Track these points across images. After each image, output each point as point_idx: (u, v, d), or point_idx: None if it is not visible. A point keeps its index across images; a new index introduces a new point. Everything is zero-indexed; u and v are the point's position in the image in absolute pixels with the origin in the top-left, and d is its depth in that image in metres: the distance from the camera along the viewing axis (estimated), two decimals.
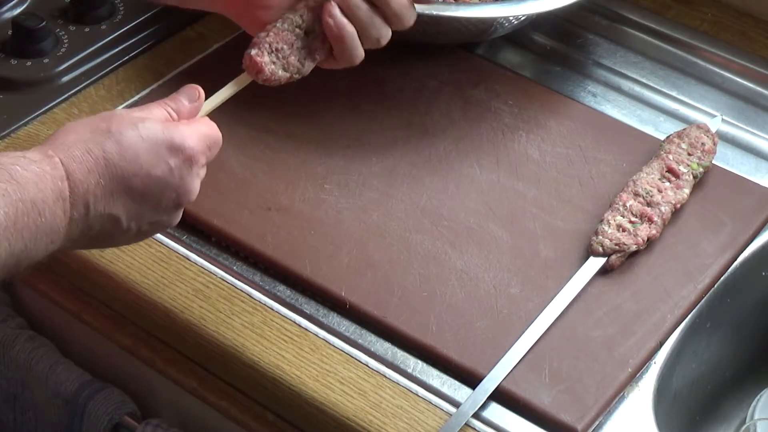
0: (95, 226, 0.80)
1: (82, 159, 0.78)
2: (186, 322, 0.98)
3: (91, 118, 0.82)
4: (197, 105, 0.86)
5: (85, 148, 0.78)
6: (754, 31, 1.28)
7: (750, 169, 1.13)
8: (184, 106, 0.85)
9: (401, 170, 1.09)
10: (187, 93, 0.86)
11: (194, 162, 0.83)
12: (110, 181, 0.79)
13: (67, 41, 1.21)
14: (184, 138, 0.82)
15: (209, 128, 0.86)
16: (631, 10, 1.30)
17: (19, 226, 0.74)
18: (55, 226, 0.77)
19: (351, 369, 0.95)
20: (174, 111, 0.85)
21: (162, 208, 0.83)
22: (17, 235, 0.74)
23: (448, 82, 1.17)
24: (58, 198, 0.77)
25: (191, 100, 0.86)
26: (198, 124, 0.85)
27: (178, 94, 0.86)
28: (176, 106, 0.85)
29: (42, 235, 0.76)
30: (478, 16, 1.13)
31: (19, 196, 0.75)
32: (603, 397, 0.92)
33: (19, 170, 0.76)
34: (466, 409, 0.91)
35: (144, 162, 0.80)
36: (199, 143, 0.83)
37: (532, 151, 1.11)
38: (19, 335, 1.11)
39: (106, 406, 1.06)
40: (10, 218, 0.74)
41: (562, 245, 1.03)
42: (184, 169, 0.82)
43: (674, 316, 0.98)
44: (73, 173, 0.78)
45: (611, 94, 1.21)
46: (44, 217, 0.76)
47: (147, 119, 0.82)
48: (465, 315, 0.97)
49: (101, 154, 0.79)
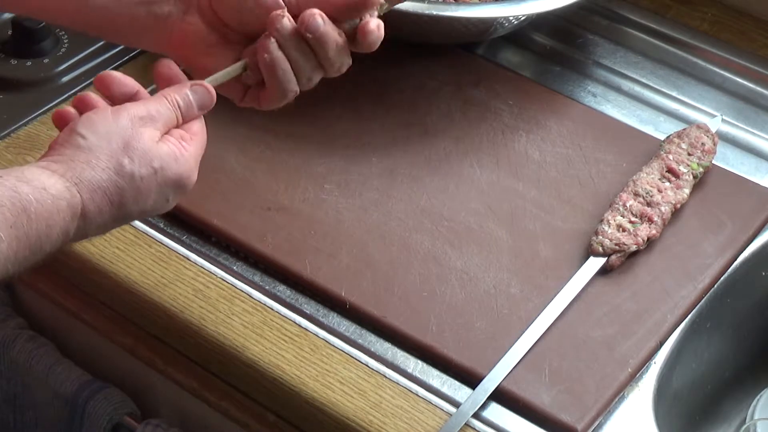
0: (84, 238, 0.83)
1: (100, 203, 0.79)
2: (186, 322, 0.98)
3: (115, 139, 0.81)
4: (202, 113, 0.86)
5: (107, 193, 0.80)
6: (754, 31, 1.28)
7: (750, 169, 1.13)
8: (193, 114, 0.85)
9: (401, 170, 1.09)
10: (200, 99, 0.85)
11: (188, 189, 0.85)
12: (116, 215, 0.81)
13: (67, 41, 1.21)
14: (190, 175, 0.84)
15: (204, 140, 0.86)
16: (631, 10, 1.30)
17: (20, 257, 0.76)
18: (51, 251, 0.79)
19: (351, 369, 0.95)
20: (182, 116, 0.84)
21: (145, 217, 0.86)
22: (16, 263, 0.76)
23: (448, 82, 1.17)
24: (62, 233, 0.78)
25: (202, 108, 0.86)
26: (198, 144, 0.85)
27: (191, 95, 0.85)
28: (186, 111, 0.85)
29: (38, 258, 0.78)
30: (478, 16, 1.13)
31: (25, 230, 0.76)
32: (603, 397, 0.92)
33: (34, 203, 0.76)
34: (466, 409, 0.91)
35: (150, 202, 0.82)
36: (197, 168, 0.85)
37: (532, 151, 1.11)
38: (19, 335, 1.11)
39: (106, 406, 1.06)
40: (12, 249, 0.76)
41: (562, 245, 1.03)
42: (179, 198, 0.85)
43: (674, 316, 0.98)
44: (87, 214, 0.79)
45: (611, 94, 1.21)
46: (44, 249, 0.78)
47: (163, 155, 0.82)
48: (465, 315, 0.97)
49: (118, 200, 0.80)
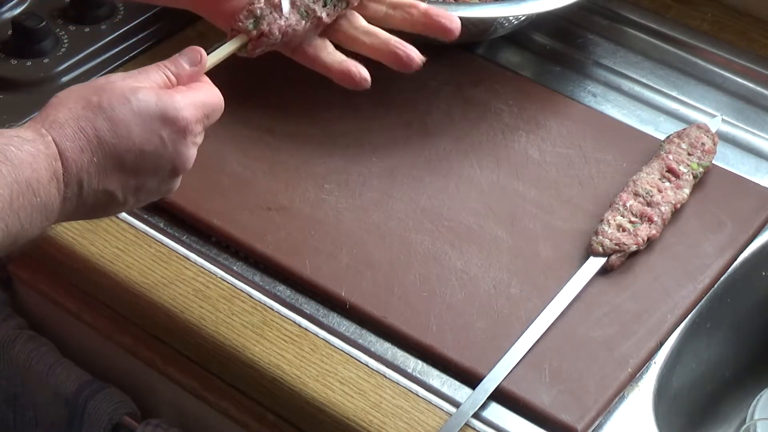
0: (89, 201, 0.80)
1: (74, 137, 0.77)
2: (186, 322, 0.98)
3: (83, 87, 0.80)
4: (198, 69, 0.84)
5: (77, 127, 0.78)
6: (754, 31, 1.28)
7: (750, 169, 1.13)
8: (185, 69, 0.84)
9: (401, 170, 1.09)
10: (189, 56, 0.84)
11: (188, 132, 0.82)
12: (103, 158, 0.78)
13: (67, 41, 1.21)
14: (178, 109, 0.81)
15: (207, 95, 0.84)
16: (631, 10, 1.30)
17: (15, 206, 0.75)
18: (49, 204, 0.77)
19: (351, 369, 0.95)
20: (173, 75, 0.83)
21: (158, 178, 0.82)
22: (13, 215, 0.75)
23: (448, 82, 1.17)
24: (52, 177, 0.76)
25: (192, 63, 0.84)
26: (195, 91, 0.83)
27: (179, 57, 0.84)
28: (176, 69, 0.83)
29: (37, 213, 0.76)
30: (478, 16, 1.13)
31: (14, 177, 0.74)
32: (603, 397, 0.92)
33: (14, 150, 0.75)
34: (466, 409, 0.91)
35: (136, 137, 0.79)
36: (195, 112, 0.82)
37: (532, 151, 1.11)
38: (19, 335, 1.11)
39: (106, 406, 1.06)
40: (5, 199, 0.74)
41: (562, 245, 1.03)
42: (178, 140, 0.81)
43: (674, 316, 0.98)
44: (65, 152, 0.77)
45: (611, 94, 1.21)
46: (39, 197, 0.76)
47: (140, 90, 0.80)
48: (465, 315, 0.97)
49: (93, 132, 0.78)
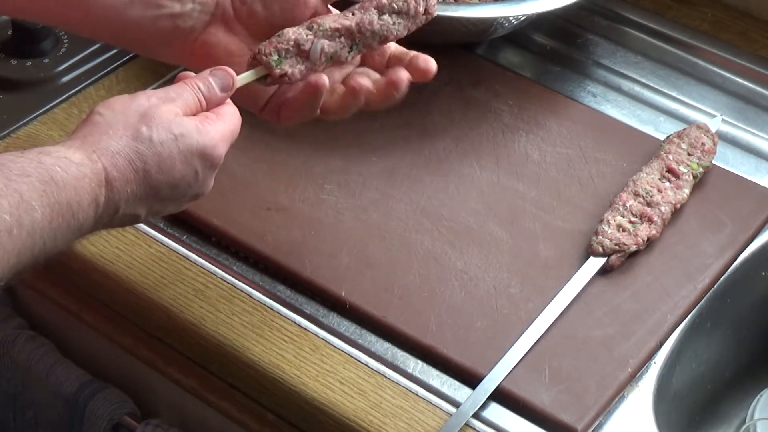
0: (116, 222, 0.83)
1: (124, 170, 0.80)
2: (186, 322, 0.98)
3: (130, 112, 0.82)
4: (228, 95, 0.86)
5: (128, 159, 0.80)
6: (754, 31, 1.28)
7: (750, 169, 1.13)
8: (216, 95, 0.85)
9: (401, 170, 1.09)
10: (222, 81, 0.86)
11: (218, 166, 0.85)
12: (143, 190, 0.81)
13: (67, 41, 1.21)
14: (215, 146, 0.84)
15: (234, 123, 0.86)
16: (631, 10, 1.30)
17: (54, 226, 0.77)
18: (84, 225, 0.79)
19: (351, 369, 0.95)
20: (205, 99, 0.85)
21: (178, 203, 0.86)
22: (51, 234, 0.76)
23: (448, 82, 1.17)
24: (92, 201, 0.79)
25: (224, 89, 0.86)
26: (224, 122, 0.85)
27: (212, 78, 0.86)
28: (208, 93, 0.85)
29: (71, 233, 0.78)
30: (478, 16, 1.13)
31: (56, 198, 0.76)
32: (603, 397, 0.92)
33: (59, 171, 0.77)
34: (466, 409, 0.91)
35: (177, 173, 0.82)
36: (225, 146, 0.85)
37: (532, 151, 1.11)
38: (19, 335, 1.11)
39: (106, 406, 1.06)
40: (46, 218, 0.76)
41: (562, 245, 1.03)
42: (209, 173, 0.85)
43: (674, 316, 0.98)
44: (113, 182, 0.79)
45: (611, 94, 1.21)
46: (76, 219, 0.78)
47: (183, 122, 0.82)
48: (465, 315, 0.97)
49: (142, 167, 0.80)
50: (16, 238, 0.74)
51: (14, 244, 0.74)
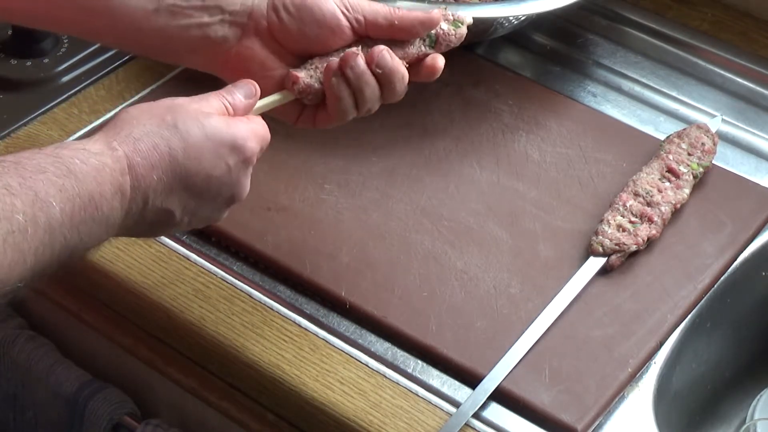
0: (149, 217, 0.80)
1: (148, 154, 0.78)
2: (186, 322, 0.98)
3: (155, 106, 0.81)
4: (252, 102, 0.86)
5: (151, 143, 0.78)
6: (754, 31, 1.28)
7: (750, 169, 1.13)
8: (241, 102, 0.85)
9: (401, 170, 1.09)
10: (245, 89, 0.86)
11: (250, 163, 0.84)
12: (172, 178, 0.79)
13: (67, 41, 1.21)
14: (246, 139, 0.83)
15: (263, 128, 0.86)
16: (631, 10, 1.30)
17: (76, 220, 0.75)
18: (111, 218, 0.77)
19: (351, 369, 0.95)
20: (230, 105, 0.84)
21: (215, 205, 0.84)
22: (73, 229, 0.75)
23: (448, 82, 1.17)
24: (116, 191, 0.77)
25: (248, 96, 0.86)
26: (254, 122, 0.85)
27: (234, 88, 0.86)
28: (233, 100, 0.85)
29: (97, 227, 0.76)
30: (478, 16, 1.13)
31: (77, 191, 0.74)
32: (603, 397, 0.92)
33: (78, 164, 0.75)
34: (466, 409, 0.91)
35: (206, 161, 0.81)
36: (257, 143, 0.84)
37: (532, 151, 1.11)
38: (19, 335, 1.11)
39: (106, 406, 1.06)
40: (66, 214, 0.74)
41: (562, 245, 1.03)
42: (241, 169, 0.83)
43: (674, 316, 0.98)
44: (135, 167, 0.77)
45: (611, 94, 1.21)
46: (101, 211, 0.76)
47: (211, 115, 0.82)
48: (465, 315, 0.97)
49: (167, 150, 0.79)
50: (32, 237, 0.72)
51: (30, 243, 0.72)
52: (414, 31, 0.92)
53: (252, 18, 0.91)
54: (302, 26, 0.91)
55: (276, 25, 0.91)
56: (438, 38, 0.94)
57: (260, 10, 0.91)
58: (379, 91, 0.91)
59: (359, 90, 0.90)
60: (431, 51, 0.94)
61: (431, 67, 0.94)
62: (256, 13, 0.91)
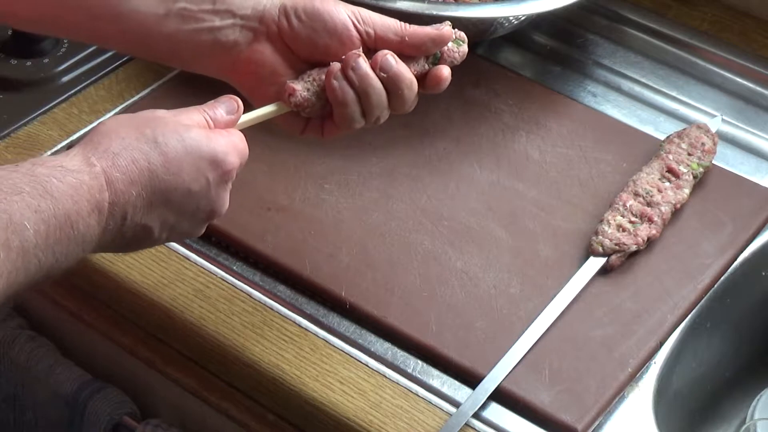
0: (128, 234, 0.79)
1: (127, 169, 0.77)
2: (186, 322, 0.98)
3: (134, 119, 0.80)
4: (235, 118, 0.85)
5: (130, 158, 0.77)
6: (754, 31, 1.28)
7: (750, 169, 1.13)
8: (222, 117, 0.84)
9: (401, 170, 1.09)
10: (227, 104, 0.85)
11: (230, 178, 0.83)
12: (151, 193, 0.78)
13: (67, 41, 1.21)
14: (226, 153, 0.82)
15: (242, 141, 0.84)
16: (631, 10, 1.30)
17: (51, 241, 0.73)
18: (87, 236, 0.76)
19: (351, 369, 0.95)
20: (211, 120, 0.83)
21: (194, 220, 0.83)
22: (48, 250, 0.73)
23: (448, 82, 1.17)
24: (93, 209, 0.75)
25: (230, 111, 0.85)
26: (234, 136, 0.84)
27: (217, 103, 0.85)
28: (214, 115, 0.84)
29: (73, 246, 0.75)
30: (478, 16, 1.13)
31: (53, 211, 0.73)
32: (603, 397, 0.92)
33: (55, 182, 0.74)
34: (466, 409, 0.91)
35: (186, 176, 0.79)
36: (236, 158, 0.83)
37: (532, 151, 1.11)
38: (19, 335, 1.11)
39: (106, 406, 1.06)
40: (41, 235, 0.73)
41: (562, 245, 1.03)
42: (221, 184, 0.82)
43: (674, 316, 0.98)
44: (114, 183, 0.76)
45: (611, 94, 1.21)
46: (77, 230, 0.75)
47: (191, 128, 0.81)
48: (465, 315, 0.97)
49: (146, 165, 0.77)
50: (4, 261, 0.71)
51: (2, 268, 0.71)
52: (424, 48, 0.92)
53: (263, 22, 0.91)
54: (312, 34, 0.90)
55: (287, 31, 0.91)
56: (442, 55, 0.93)
57: (271, 15, 0.91)
58: (386, 98, 0.90)
59: (365, 94, 0.89)
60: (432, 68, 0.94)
61: (437, 78, 0.93)
62: (267, 18, 0.91)
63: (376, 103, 0.90)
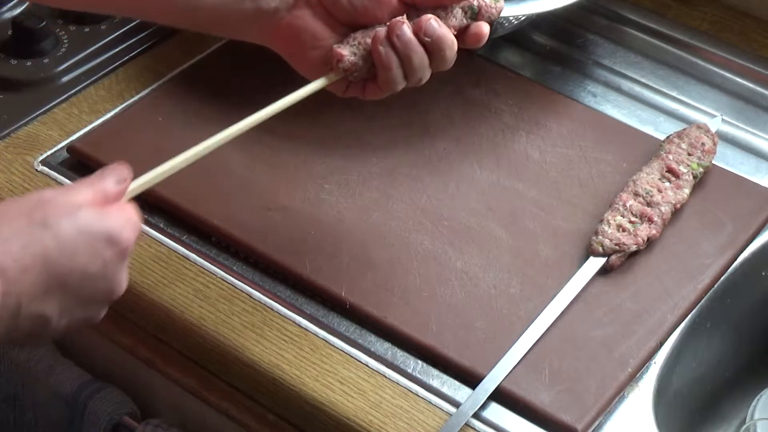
0: (24, 326, 0.74)
1: (18, 256, 0.72)
2: (186, 322, 0.98)
3: (23, 202, 0.76)
4: (124, 188, 0.80)
5: (22, 244, 0.72)
6: (754, 31, 1.28)
7: (750, 169, 1.13)
8: (112, 189, 0.79)
9: (401, 170, 1.09)
10: (115, 174, 0.80)
11: (126, 255, 0.78)
12: (46, 279, 0.73)
13: (67, 41, 1.21)
14: (122, 229, 0.77)
15: (135, 215, 0.80)
16: (631, 10, 1.30)
17: None
18: None
19: (351, 369, 0.95)
20: (102, 193, 0.78)
21: (93, 303, 0.78)
22: None
23: (448, 82, 1.17)
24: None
25: (119, 182, 0.80)
26: (127, 211, 0.79)
27: (104, 174, 0.80)
28: (103, 187, 0.79)
29: None
30: None
31: None
32: (603, 397, 0.92)
33: None
34: (466, 409, 0.91)
35: (81, 258, 0.75)
36: (132, 233, 0.78)
37: (532, 151, 1.11)
38: None
39: (106, 406, 1.06)
40: None
41: (562, 245, 1.03)
42: (118, 263, 0.78)
43: (674, 316, 0.98)
44: (6, 272, 0.71)
45: (611, 94, 1.21)
46: None
47: (82, 207, 0.76)
48: (465, 315, 0.97)
49: (40, 250, 0.73)
50: None
51: None
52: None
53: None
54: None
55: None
56: (480, 10, 0.94)
57: None
58: (427, 60, 0.91)
59: (407, 58, 0.90)
60: (472, 23, 0.94)
61: (477, 35, 0.94)
62: None
63: (419, 66, 0.91)
